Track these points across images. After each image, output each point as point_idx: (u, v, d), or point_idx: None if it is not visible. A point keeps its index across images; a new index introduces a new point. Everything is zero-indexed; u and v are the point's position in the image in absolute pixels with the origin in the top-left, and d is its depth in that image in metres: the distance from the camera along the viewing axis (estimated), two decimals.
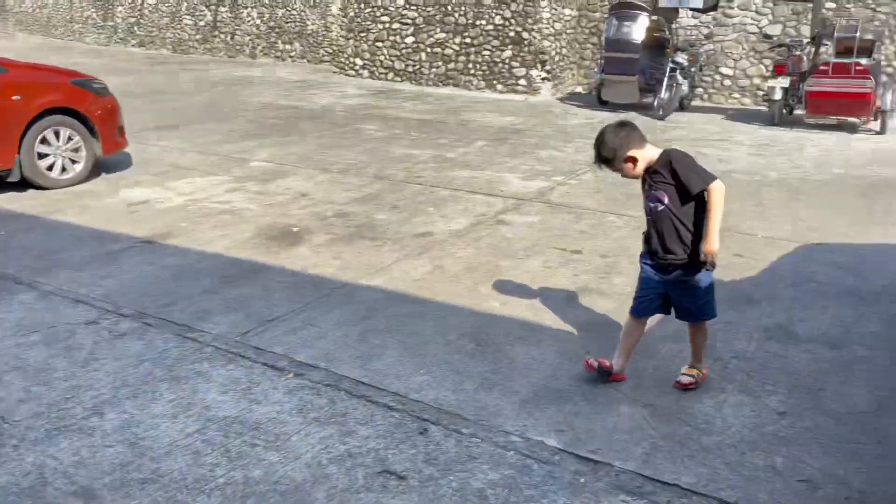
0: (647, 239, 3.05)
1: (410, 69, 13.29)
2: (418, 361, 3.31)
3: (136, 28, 20.13)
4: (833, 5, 10.36)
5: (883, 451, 2.67)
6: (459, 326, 3.66)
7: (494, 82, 12.41)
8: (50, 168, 6.15)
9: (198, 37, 18.64)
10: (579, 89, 12.77)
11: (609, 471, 2.56)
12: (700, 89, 11.48)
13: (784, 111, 9.63)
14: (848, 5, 10.32)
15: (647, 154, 2.92)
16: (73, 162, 6.31)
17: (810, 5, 9.83)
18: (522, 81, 12.14)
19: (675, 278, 2.99)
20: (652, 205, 2.96)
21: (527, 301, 3.96)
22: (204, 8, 18.46)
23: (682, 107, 10.58)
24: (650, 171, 2.93)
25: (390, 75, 13.56)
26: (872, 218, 5.53)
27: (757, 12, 11.03)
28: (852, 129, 9.10)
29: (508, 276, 4.33)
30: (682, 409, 2.93)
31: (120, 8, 20.58)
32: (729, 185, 6.50)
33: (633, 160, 2.90)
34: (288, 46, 16.92)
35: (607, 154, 2.93)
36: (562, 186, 6.41)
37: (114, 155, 6.80)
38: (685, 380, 3.08)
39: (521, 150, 7.87)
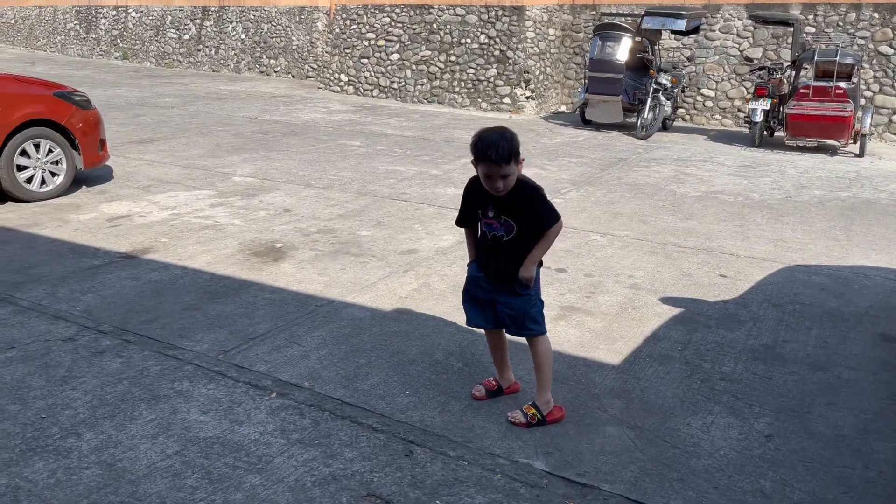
0: None
1: (395, 86, 13.32)
2: (404, 381, 3.27)
3: (119, 40, 20.01)
4: (812, 30, 10.55)
5: (870, 475, 2.67)
6: (446, 345, 3.63)
7: (479, 100, 12.47)
8: (29, 181, 6.06)
9: (182, 50, 18.57)
10: (563, 108, 12.86)
11: (598, 495, 2.53)
12: (682, 110, 11.61)
13: (765, 133, 9.75)
14: (827, 30, 10.51)
15: None
16: (53, 175, 6.22)
17: (790, 30, 10.00)
18: (507, 100, 12.21)
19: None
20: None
21: None
22: (189, 22, 18.41)
23: (665, 127, 10.68)
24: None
25: (375, 92, 13.58)
26: (853, 240, 5.59)
27: (738, 35, 11.20)
28: (832, 151, 9.23)
29: None
30: (670, 432, 2.92)
31: (103, 20, 20.47)
32: (713, 204, 6.58)
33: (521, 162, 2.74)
34: (273, 61, 16.90)
35: (514, 148, 2.67)
36: None
37: (95, 168, 6.72)
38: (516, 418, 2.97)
39: None
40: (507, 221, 2.83)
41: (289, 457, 2.69)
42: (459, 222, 3.01)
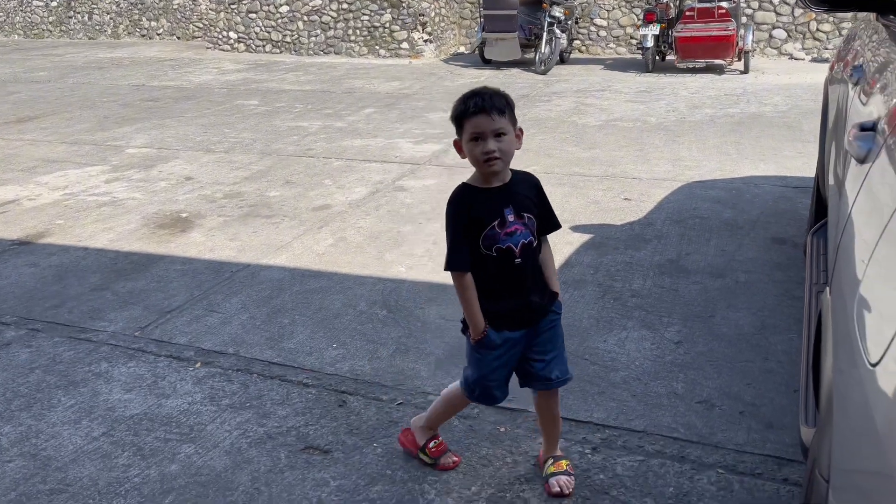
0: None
1: (288, 39, 12.87)
2: (330, 335, 3.28)
3: None
4: None
5: (769, 366, 2.91)
6: (368, 296, 3.65)
7: (376, 47, 12.23)
8: None
9: (51, 19, 17.25)
10: (462, 49, 12.80)
11: (526, 417, 2.65)
12: (578, 42, 11.77)
13: (657, 57, 10.04)
14: None
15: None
16: None
17: None
18: (405, 45, 12.03)
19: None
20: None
21: (432, 264, 4.00)
22: None
23: (563, 60, 10.82)
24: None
25: (268, 47, 13.09)
26: (743, 153, 5.91)
27: None
28: (720, 70, 9.61)
29: (412, 242, 4.34)
30: (589, 350, 3.07)
31: None
32: (613, 132, 6.79)
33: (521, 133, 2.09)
34: (154, 23, 15.96)
35: (510, 104, 2.06)
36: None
37: None
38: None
39: (411, 115, 7.84)
40: (530, 219, 2.06)
41: (221, 422, 2.68)
42: (458, 264, 2.03)
